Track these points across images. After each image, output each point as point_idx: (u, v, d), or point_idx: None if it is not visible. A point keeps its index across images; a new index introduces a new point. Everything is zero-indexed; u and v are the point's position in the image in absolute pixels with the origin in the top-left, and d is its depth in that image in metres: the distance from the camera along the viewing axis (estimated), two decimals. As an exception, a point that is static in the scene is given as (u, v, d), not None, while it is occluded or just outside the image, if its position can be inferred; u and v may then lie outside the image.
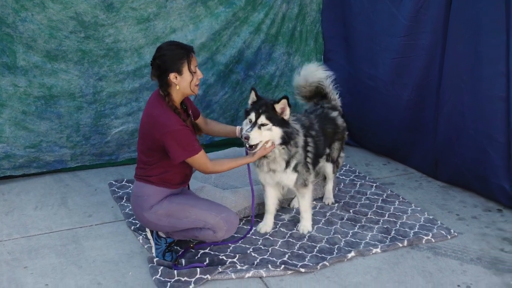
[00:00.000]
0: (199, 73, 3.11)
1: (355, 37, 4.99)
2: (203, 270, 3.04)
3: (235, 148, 4.46)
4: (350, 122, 4.06)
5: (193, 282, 2.96)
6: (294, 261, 3.22)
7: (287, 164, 3.37)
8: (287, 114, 3.28)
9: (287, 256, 3.29)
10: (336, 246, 3.39)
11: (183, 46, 3.07)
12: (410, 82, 4.46)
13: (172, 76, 3.01)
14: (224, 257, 3.23)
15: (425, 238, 3.47)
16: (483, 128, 3.92)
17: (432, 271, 3.13)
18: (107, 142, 4.67)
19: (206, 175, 4.05)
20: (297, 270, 3.11)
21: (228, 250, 3.35)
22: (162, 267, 3.07)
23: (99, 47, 4.39)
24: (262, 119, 3.21)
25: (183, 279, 2.98)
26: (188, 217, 3.12)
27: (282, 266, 3.13)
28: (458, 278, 3.07)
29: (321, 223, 3.72)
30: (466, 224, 3.73)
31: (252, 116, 3.24)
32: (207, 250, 3.34)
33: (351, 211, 3.90)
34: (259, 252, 3.32)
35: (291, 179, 3.43)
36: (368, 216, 3.82)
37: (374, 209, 3.94)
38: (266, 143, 3.24)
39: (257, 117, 3.22)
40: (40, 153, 4.43)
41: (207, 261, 3.19)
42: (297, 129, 3.40)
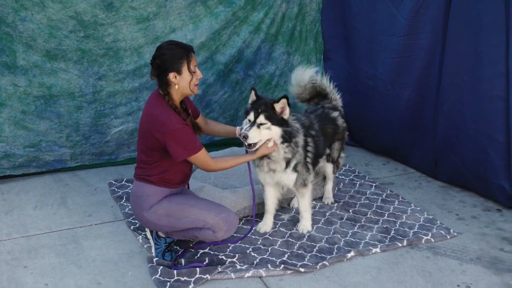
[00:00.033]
0: (199, 72, 3.11)
1: (354, 37, 4.99)
2: (202, 269, 3.04)
3: (234, 148, 4.46)
4: (349, 121, 4.07)
5: (193, 282, 2.96)
6: (293, 261, 3.22)
7: (287, 164, 3.37)
8: (286, 114, 3.27)
9: (286, 256, 3.29)
10: (336, 246, 3.39)
11: (183, 46, 3.07)
12: (410, 82, 4.46)
13: (171, 76, 3.01)
14: (223, 257, 3.23)
15: (425, 238, 3.47)
16: (483, 128, 3.92)
17: (431, 271, 3.13)
18: (107, 142, 4.66)
19: (205, 175, 4.07)
20: (297, 269, 3.11)
21: (227, 250, 3.35)
22: (161, 267, 3.07)
23: (98, 47, 4.38)
24: (261, 118, 3.21)
25: (182, 279, 2.98)
26: (187, 217, 3.12)
27: (282, 265, 3.13)
28: (457, 277, 3.07)
29: (320, 222, 3.72)
30: (466, 224, 3.73)
31: (251, 115, 3.24)
32: (206, 250, 3.34)
33: (350, 211, 3.90)
34: (259, 251, 3.32)
35: (291, 179, 3.43)
36: (368, 216, 3.82)
37: (373, 209, 3.94)
38: (268, 142, 3.24)
39: (256, 117, 3.22)
40: (39, 152, 4.42)
41: (207, 260, 3.19)
42: (298, 127, 3.40)
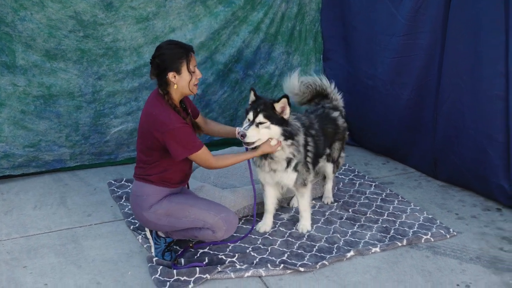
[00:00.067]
0: (198, 72, 3.10)
1: (354, 37, 4.99)
2: (202, 269, 3.04)
3: (234, 148, 4.46)
4: (349, 121, 4.06)
5: (193, 282, 2.96)
6: (293, 260, 3.22)
7: (288, 163, 3.37)
8: (287, 113, 3.27)
9: (286, 255, 3.29)
10: (335, 245, 3.39)
11: (183, 46, 3.06)
12: (409, 82, 4.46)
13: (170, 75, 3.00)
14: (223, 257, 3.23)
15: (424, 237, 3.48)
16: (483, 128, 3.92)
17: (431, 270, 3.13)
18: (106, 142, 4.66)
19: (205, 174, 4.07)
20: (296, 269, 3.11)
21: (227, 249, 3.35)
22: (161, 267, 3.07)
23: (98, 46, 4.38)
24: (260, 117, 3.21)
25: (182, 279, 2.98)
26: (187, 216, 3.11)
27: (282, 265, 3.13)
28: (457, 277, 3.07)
29: (320, 222, 3.72)
30: (465, 223, 3.74)
31: (250, 114, 3.24)
32: (206, 250, 3.34)
33: (350, 210, 3.90)
34: (259, 251, 3.32)
35: (291, 179, 3.43)
36: (367, 215, 3.82)
37: (373, 208, 3.94)
38: (270, 140, 3.23)
39: (255, 116, 3.22)
40: (39, 152, 4.42)
41: (207, 260, 3.19)
42: (299, 126, 3.39)
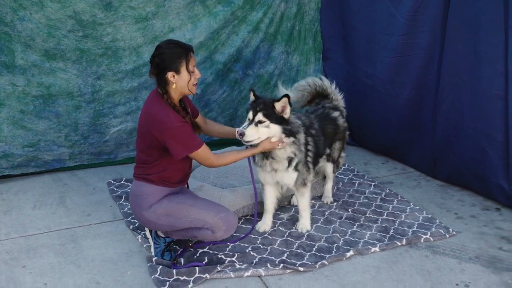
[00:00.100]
0: (197, 72, 3.10)
1: (353, 36, 4.99)
2: (202, 269, 3.04)
3: (233, 148, 4.45)
4: (348, 121, 4.06)
5: (192, 281, 2.96)
6: (293, 260, 3.22)
7: (289, 163, 3.37)
8: (287, 113, 3.27)
9: (286, 255, 3.29)
10: (335, 245, 3.40)
11: (182, 45, 3.06)
12: (409, 81, 4.46)
13: (170, 75, 3.00)
14: (223, 256, 3.23)
15: (424, 237, 3.48)
16: (482, 127, 3.92)
17: (430, 270, 3.14)
18: (106, 141, 4.66)
19: (205, 174, 4.07)
20: (296, 269, 3.11)
21: (227, 249, 3.35)
22: (161, 266, 3.07)
23: (97, 46, 4.38)
24: (259, 116, 3.20)
25: (182, 278, 2.98)
26: (187, 216, 3.11)
27: (281, 265, 3.13)
28: (456, 276, 3.07)
29: (320, 222, 3.72)
30: (465, 223, 3.74)
31: (250, 114, 3.24)
32: (206, 249, 3.34)
33: (349, 210, 3.90)
34: (258, 251, 3.32)
35: (292, 178, 3.42)
36: (367, 215, 3.83)
37: (372, 208, 3.94)
38: (270, 137, 3.24)
39: (255, 115, 3.22)
40: (38, 152, 4.42)
41: (206, 260, 3.19)
42: (299, 125, 3.39)
